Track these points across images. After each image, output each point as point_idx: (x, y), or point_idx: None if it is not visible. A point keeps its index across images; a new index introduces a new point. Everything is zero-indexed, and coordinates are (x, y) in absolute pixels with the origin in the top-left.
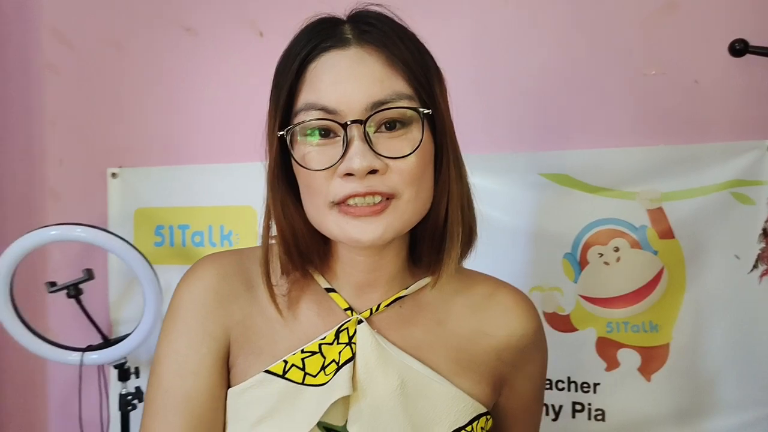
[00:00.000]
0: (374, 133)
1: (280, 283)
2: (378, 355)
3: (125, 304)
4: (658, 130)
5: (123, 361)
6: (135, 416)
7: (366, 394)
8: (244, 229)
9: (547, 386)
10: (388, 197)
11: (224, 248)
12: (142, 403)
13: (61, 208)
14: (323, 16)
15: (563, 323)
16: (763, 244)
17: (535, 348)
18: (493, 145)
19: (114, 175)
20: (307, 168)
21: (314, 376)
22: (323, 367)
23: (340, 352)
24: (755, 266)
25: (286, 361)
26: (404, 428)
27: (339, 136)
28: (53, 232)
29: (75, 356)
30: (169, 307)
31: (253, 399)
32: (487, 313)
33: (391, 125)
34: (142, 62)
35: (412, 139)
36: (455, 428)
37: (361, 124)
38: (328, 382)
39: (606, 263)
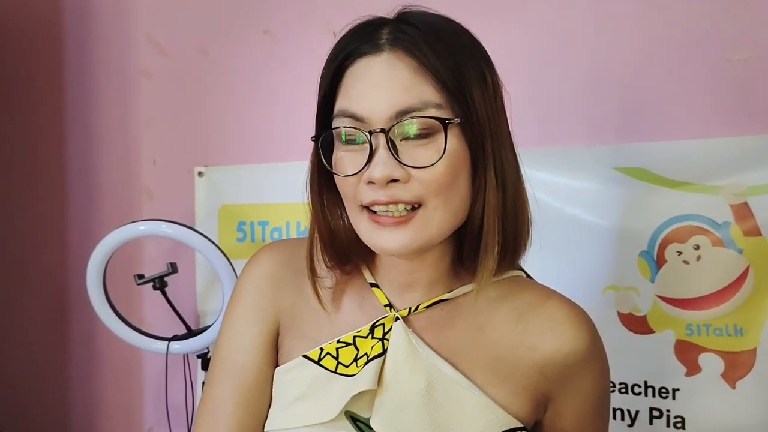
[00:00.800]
0: (401, 141)
1: (327, 275)
2: (408, 354)
3: (212, 295)
4: (743, 120)
5: (205, 351)
6: None
7: (391, 390)
8: None
9: (623, 390)
10: (414, 205)
11: None
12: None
13: (154, 205)
14: (368, 18)
15: (639, 325)
16: None
17: (586, 365)
18: (566, 138)
19: (200, 173)
20: (336, 173)
21: (346, 367)
22: (356, 359)
23: (372, 347)
24: None
25: (322, 349)
26: (424, 430)
27: (367, 143)
28: (142, 227)
29: (161, 345)
30: (234, 288)
31: (292, 379)
32: (532, 324)
33: (420, 133)
34: (225, 65)
35: (438, 148)
36: None
37: (385, 133)
38: (357, 374)
39: (685, 262)
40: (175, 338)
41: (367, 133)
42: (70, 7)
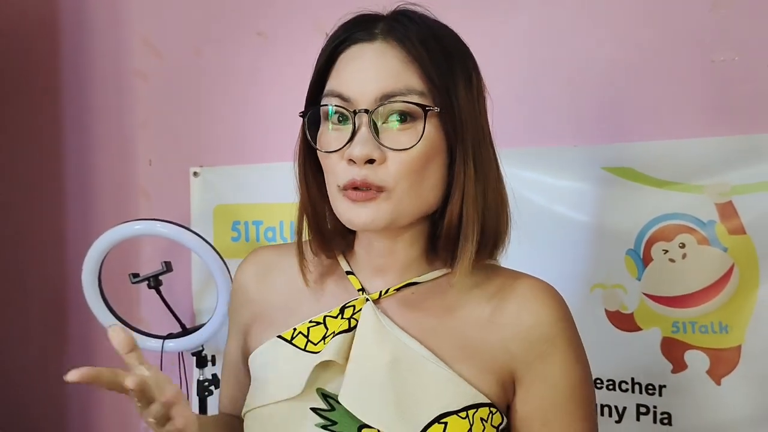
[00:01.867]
0: (383, 124)
1: (313, 262)
2: (375, 331)
3: (206, 294)
4: (728, 120)
5: (200, 349)
6: (212, 401)
7: (357, 365)
8: None
9: (610, 387)
10: (378, 189)
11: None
12: (219, 389)
13: (150, 205)
14: (365, 12)
15: (626, 322)
16: None
17: (553, 346)
18: (554, 138)
19: (195, 174)
20: (320, 149)
21: (315, 344)
22: (324, 337)
23: (340, 325)
24: None
25: (295, 329)
26: (388, 402)
27: (351, 122)
28: (137, 227)
29: (156, 343)
30: None
31: (264, 362)
32: (500, 303)
33: (402, 118)
34: (219, 67)
35: (417, 133)
36: (445, 411)
37: (369, 114)
38: (323, 350)
39: (671, 260)
40: (170, 336)
41: (352, 113)
42: (65, 9)
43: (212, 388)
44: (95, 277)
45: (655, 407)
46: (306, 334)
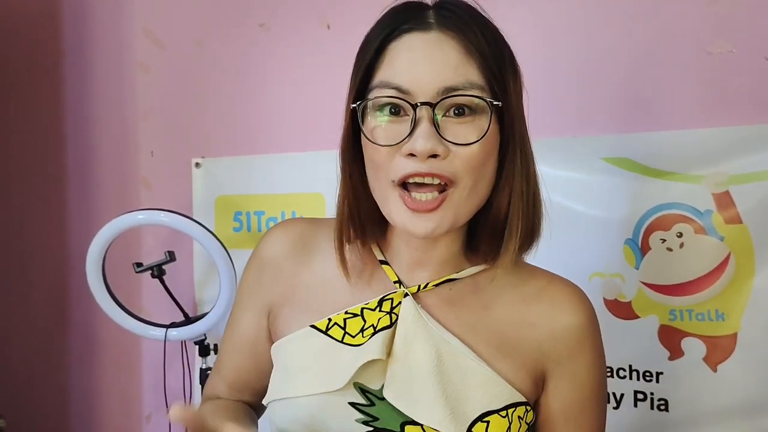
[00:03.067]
0: (442, 117)
1: (347, 250)
2: (418, 327)
3: (209, 283)
4: (725, 111)
5: (203, 337)
6: None
7: (402, 361)
8: (314, 215)
9: (609, 374)
10: (447, 183)
11: None
12: None
13: (152, 195)
14: (407, 0)
15: (624, 310)
16: None
17: (582, 346)
18: (554, 129)
19: (197, 164)
20: (374, 142)
21: (353, 337)
22: (362, 330)
23: (379, 319)
24: None
25: (330, 319)
26: (437, 399)
27: (408, 115)
28: (140, 216)
29: (159, 332)
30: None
31: (295, 350)
32: (536, 304)
33: (459, 111)
34: (221, 58)
35: (479, 127)
36: (488, 410)
37: (431, 107)
38: (363, 344)
39: (669, 249)
40: (173, 325)
41: (413, 106)
42: (68, 0)
43: None
44: (99, 266)
45: (652, 394)
46: (342, 325)
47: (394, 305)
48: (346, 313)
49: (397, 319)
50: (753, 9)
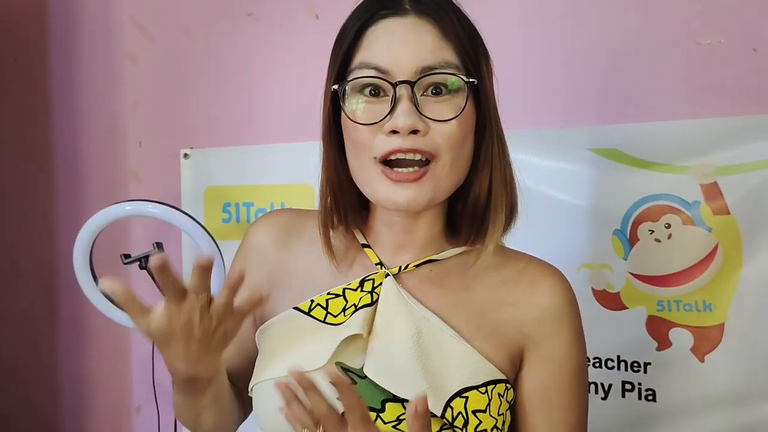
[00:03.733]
0: (421, 95)
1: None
2: (398, 305)
3: None
4: (713, 102)
5: None
6: None
7: (382, 338)
8: (303, 205)
9: (597, 364)
10: (428, 158)
11: None
12: None
13: (141, 187)
14: None
15: (613, 301)
16: None
17: (560, 327)
18: (542, 120)
19: (186, 155)
20: (355, 122)
21: (335, 317)
22: (344, 309)
23: (360, 298)
24: None
25: (312, 300)
26: (416, 373)
27: (388, 95)
28: (128, 207)
29: None
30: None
31: (277, 332)
32: (515, 285)
33: (437, 90)
34: (209, 49)
35: (456, 105)
36: (467, 386)
37: (410, 85)
38: (344, 322)
39: (657, 240)
40: None
41: (392, 84)
42: None
43: None
44: (86, 257)
45: (640, 384)
46: (324, 306)
47: (375, 285)
48: (328, 294)
49: (378, 298)
50: (741, 0)
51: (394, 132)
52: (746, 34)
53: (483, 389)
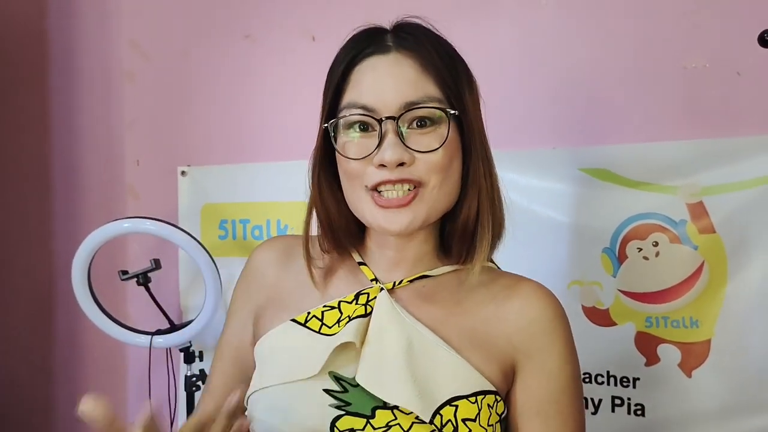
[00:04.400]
0: (406, 129)
1: (322, 257)
2: (391, 317)
3: (194, 291)
4: (699, 124)
5: (188, 345)
6: (199, 397)
7: (374, 347)
8: (298, 222)
9: (587, 380)
10: (416, 185)
11: None
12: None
13: (138, 204)
14: (370, 26)
15: (602, 317)
16: None
17: (549, 338)
18: (534, 141)
19: (183, 173)
20: (346, 157)
21: (329, 327)
22: (338, 321)
23: (354, 310)
24: None
25: (309, 312)
26: (406, 381)
27: (375, 130)
28: (126, 225)
29: (144, 339)
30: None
31: (275, 344)
32: (505, 301)
33: (421, 123)
34: (206, 68)
35: (440, 135)
36: (457, 395)
37: (395, 120)
38: (338, 333)
39: (645, 258)
40: (159, 332)
41: (378, 121)
42: (54, 10)
43: (200, 383)
44: (85, 274)
45: (629, 399)
46: (320, 317)
47: (370, 299)
48: (324, 306)
49: (372, 311)
50: (725, 26)
51: (383, 165)
52: (730, 59)
53: (473, 399)
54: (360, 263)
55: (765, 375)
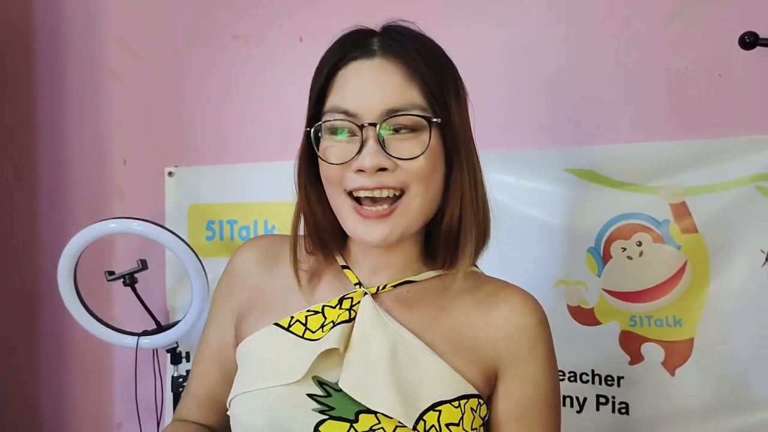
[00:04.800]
0: (388, 135)
1: (307, 260)
2: (375, 322)
3: (181, 292)
4: (682, 125)
5: (174, 345)
6: None
7: (358, 352)
8: (285, 223)
9: (572, 378)
10: (397, 192)
11: None
12: None
13: (125, 204)
14: (358, 28)
15: (587, 317)
16: None
17: (534, 348)
18: (520, 141)
19: (170, 173)
20: (327, 161)
21: (313, 332)
22: (322, 326)
23: (338, 315)
24: (767, 259)
25: (292, 317)
26: (390, 387)
27: (357, 135)
28: (112, 225)
29: (131, 340)
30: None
31: (257, 347)
32: (490, 307)
33: (404, 130)
34: (196, 69)
35: (422, 142)
36: (440, 400)
37: (376, 127)
38: (322, 338)
39: (629, 258)
40: (145, 333)
41: (359, 127)
42: (41, 8)
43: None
44: (71, 274)
45: (613, 398)
46: (304, 322)
47: (353, 303)
48: (307, 311)
49: (356, 316)
50: (708, 28)
51: (361, 171)
52: (712, 61)
53: (456, 403)
54: (344, 267)
55: (747, 373)
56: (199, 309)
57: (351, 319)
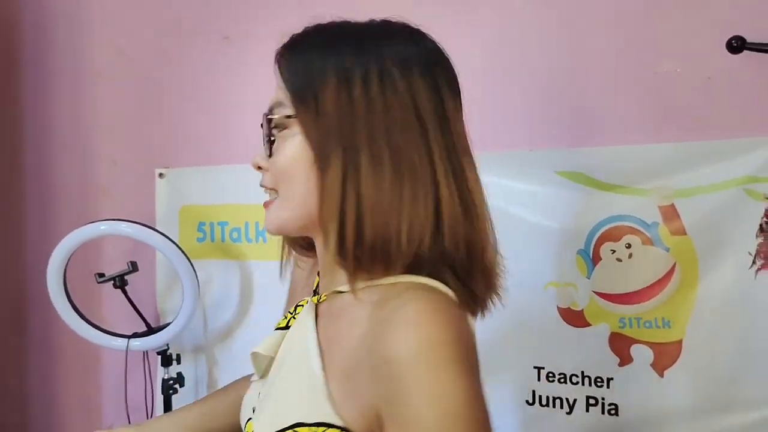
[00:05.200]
0: (277, 134)
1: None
2: (297, 331)
3: (172, 294)
4: (670, 128)
5: (165, 348)
6: (176, 400)
7: (278, 359)
8: None
9: (562, 380)
10: (273, 190)
11: (258, 244)
12: (183, 388)
13: (113, 206)
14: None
15: (577, 318)
16: (761, 239)
17: (407, 387)
18: (510, 143)
19: (161, 175)
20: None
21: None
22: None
23: (286, 321)
24: (753, 261)
25: (285, 317)
26: (271, 399)
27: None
28: (102, 227)
29: (121, 342)
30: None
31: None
32: (375, 327)
33: (276, 129)
34: (185, 69)
35: (285, 141)
36: (301, 421)
37: (262, 127)
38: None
39: (618, 260)
40: (135, 335)
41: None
42: (27, 8)
43: (177, 386)
44: (60, 277)
45: (603, 399)
46: (284, 326)
47: (295, 311)
48: (289, 313)
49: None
50: (696, 32)
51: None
52: (700, 64)
53: (314, 429)
54: (318, 272)
55: (735, 374)
56: (190, 311)
57: (286, 327)
